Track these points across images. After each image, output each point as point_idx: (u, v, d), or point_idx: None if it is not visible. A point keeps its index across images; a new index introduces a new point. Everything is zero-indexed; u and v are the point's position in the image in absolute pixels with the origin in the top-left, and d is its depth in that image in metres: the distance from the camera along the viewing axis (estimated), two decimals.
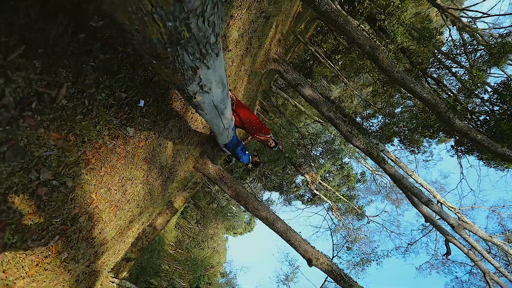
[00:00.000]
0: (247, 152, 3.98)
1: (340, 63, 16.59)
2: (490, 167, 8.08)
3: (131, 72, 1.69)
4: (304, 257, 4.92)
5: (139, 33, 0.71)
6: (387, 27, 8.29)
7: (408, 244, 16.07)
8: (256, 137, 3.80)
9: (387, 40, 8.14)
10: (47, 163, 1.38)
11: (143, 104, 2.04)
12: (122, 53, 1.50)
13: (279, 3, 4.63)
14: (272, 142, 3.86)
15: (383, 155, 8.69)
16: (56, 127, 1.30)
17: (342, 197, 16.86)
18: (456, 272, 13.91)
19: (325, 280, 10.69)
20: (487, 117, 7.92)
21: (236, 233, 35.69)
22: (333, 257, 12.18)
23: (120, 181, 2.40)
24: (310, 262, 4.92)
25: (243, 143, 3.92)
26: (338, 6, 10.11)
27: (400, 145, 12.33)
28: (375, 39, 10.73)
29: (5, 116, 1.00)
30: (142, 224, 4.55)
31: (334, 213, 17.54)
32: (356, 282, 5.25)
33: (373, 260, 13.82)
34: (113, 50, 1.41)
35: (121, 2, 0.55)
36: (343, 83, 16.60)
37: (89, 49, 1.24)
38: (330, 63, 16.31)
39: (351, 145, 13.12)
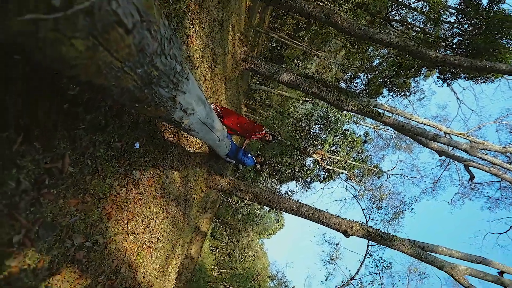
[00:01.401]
0: (249, 154, 4.08)
1: (306, 38, 16.68)
2: (480, 83, 8.15)
3: (118, 121, 1.78)
4: (339, 230, 5.00)
5: (117, 87, 0.81)
6: None
7: (433, 183, 16.17)
8: (253, 137, 3.88)
9: (341, 2, 8.24)
10: (76, 228, 1.48)
11: (139, 145, 2.14)
12: (104, 107, 1.60)
13: (227, 7, 4.73)
14: (269, 136, 3.95)
15: (377, 109, 8.77)
16: (72, 193, 1.40)
17: (355, 163, 16.95)
18: (487, 192, 14.01)
19: (368, 245, 10.77)
20: (461, 38, 8.00)
21: (269, 234, 35.80)
22: (367, 221, 12.25)
23: (144, 223, 2.49)
24: (346, 234, 5.01)
25: (243, 147, 4.01)
26: None
27: (391, 94, 12.40)
28: (329, 6, 10.83)
29: (27, 199, 1.09)
30: (179, 257, 4.64)
31: (353, 181, 17.63)
32: (395, 236, 5.34)
33: (405, 210, 13.92)
34: (95, 108, 1.51)
35: (95, 69, 0.64)
36: (315, 57, 16.70)
37: (75, 115, 1.33)
38: (296, 42, 16.42)
39: (345, 112, 13.20)
